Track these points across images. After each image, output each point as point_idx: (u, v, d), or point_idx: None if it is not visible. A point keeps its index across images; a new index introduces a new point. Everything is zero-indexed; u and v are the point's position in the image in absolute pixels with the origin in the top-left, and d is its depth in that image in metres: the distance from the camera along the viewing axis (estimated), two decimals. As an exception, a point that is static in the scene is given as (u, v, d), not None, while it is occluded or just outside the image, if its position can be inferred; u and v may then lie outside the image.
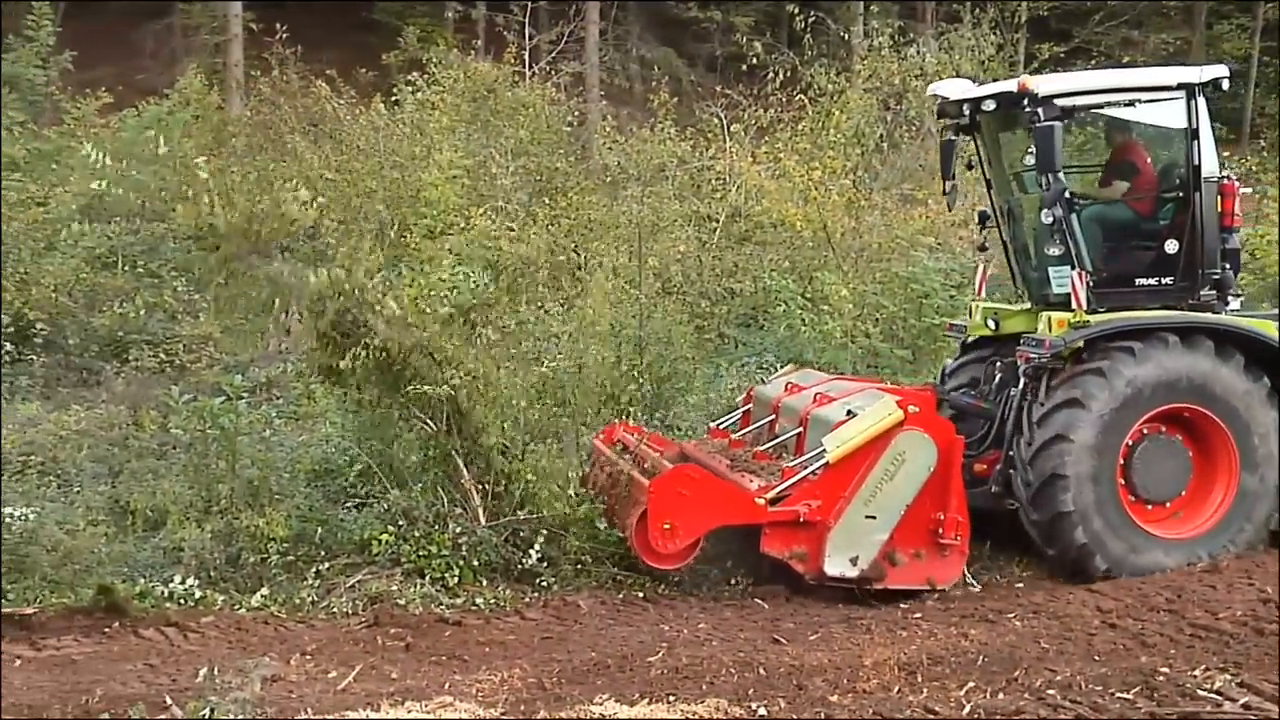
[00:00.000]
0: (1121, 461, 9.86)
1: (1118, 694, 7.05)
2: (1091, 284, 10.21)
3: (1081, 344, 9.89)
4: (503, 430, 9.77)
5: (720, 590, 9.65)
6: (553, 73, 24.71)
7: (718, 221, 19.32)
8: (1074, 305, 10.07)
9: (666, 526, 9.08)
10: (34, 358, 15.29)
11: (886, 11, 25.48)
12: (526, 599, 9.18)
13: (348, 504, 10.26)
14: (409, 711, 6.66)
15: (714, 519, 9.29)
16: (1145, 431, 9.96)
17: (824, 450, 9.33)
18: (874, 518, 9.27)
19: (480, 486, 9.53)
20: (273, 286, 9.57)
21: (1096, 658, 7.82)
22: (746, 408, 11.50)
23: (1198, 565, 9.67)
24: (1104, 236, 10.58)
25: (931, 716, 6.80)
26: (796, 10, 21.11)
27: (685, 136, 21.19)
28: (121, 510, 9.95)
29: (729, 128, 20.78)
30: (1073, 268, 10.21)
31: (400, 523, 9.30)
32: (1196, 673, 7.34)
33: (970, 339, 11.45)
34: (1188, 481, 10.08)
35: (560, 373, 10.88)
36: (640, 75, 31.01)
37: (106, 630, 8.30)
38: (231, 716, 6.14)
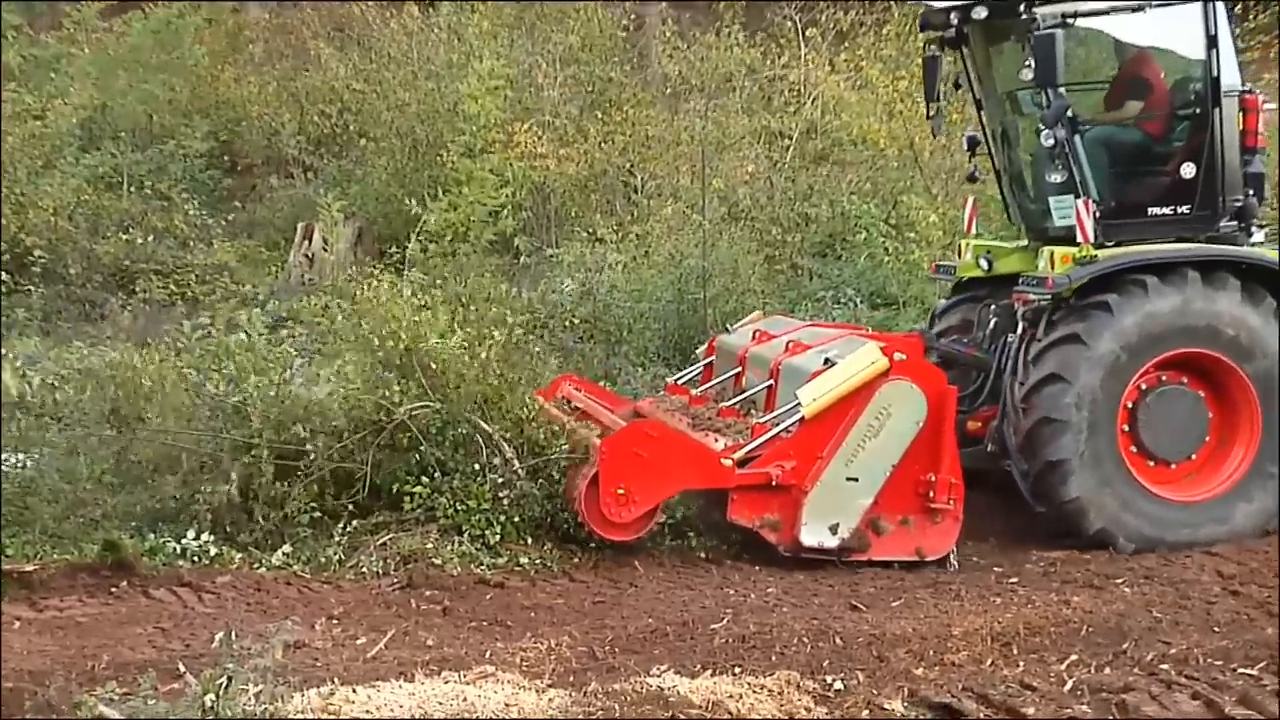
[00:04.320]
0: (1127, 410, 9.72)
1: (1240, 669, 7.01)
2: (1098, 214, 9.99)
3: (1088, 282, 9.73)
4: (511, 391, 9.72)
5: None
6: (607, -30, 24.60)
7: (791, 139, 19.24)
8: (1080, 238, 9.87)
9: (620, 492, 8.86)
10: (32, 288, 15.46)
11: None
12: (576, 559, 9.19)
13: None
14: (446, 681, 6.69)
15: (674, 483, 9.12)
16: (1157, 379, 9.82)
17: (798, 404, 9.15)
18: (856, 480, 9.08)
19: (511, 438, 9.46)
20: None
21: (1216, 629, 7.77)
22: (709, 360, 11.40)
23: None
24: (1111, 160, 10.37)
25: (1028, 692, 6.76)
26: (882, -103, 20.87)
27: (755, 43, 21.06)
28: (129, 459, 10.00)
29: (804, 32, 20.61)
30: (1077, 196, 10.01)
31: (434, 474, 9.30)
32: (1329, 646, 7.30)
33: (961, 281, 11.34)
34: (1202, 439, 9.93)
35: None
36: (705, -28, 30.78)
37: (113, 590, 8.36)
38: (251, 685, 6.18)
